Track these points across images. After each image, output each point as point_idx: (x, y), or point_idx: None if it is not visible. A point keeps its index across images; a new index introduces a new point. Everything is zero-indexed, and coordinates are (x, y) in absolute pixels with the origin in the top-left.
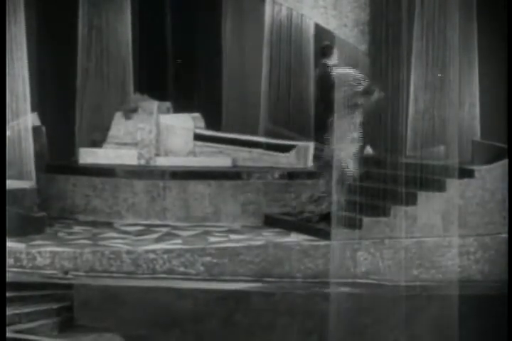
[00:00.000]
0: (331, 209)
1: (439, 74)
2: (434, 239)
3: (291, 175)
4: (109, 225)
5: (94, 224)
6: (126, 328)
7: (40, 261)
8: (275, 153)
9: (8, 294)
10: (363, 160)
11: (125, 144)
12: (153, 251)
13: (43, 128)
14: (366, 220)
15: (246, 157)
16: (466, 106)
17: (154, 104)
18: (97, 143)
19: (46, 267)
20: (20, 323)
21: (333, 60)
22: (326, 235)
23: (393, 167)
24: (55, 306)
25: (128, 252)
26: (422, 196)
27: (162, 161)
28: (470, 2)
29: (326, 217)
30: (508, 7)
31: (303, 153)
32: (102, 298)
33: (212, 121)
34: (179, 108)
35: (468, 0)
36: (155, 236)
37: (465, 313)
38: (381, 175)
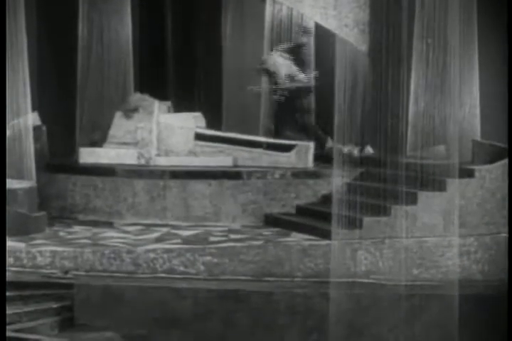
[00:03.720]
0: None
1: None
2: (434, 239)
3: (292, 174)
4: (109, 225)
5: (94, 223)
6: (126, 327)
7: (40, 260)
8: (276, 153)
9: (8, 293)
10: (364, 160)
11: (125, 144)
12: (154, 251)
13: (44, 128)
14: (366, 220)
15: (246, 156)
16: (467, 105)
17: (155, 104)
18: (98, 142)
19: (46, 266)
20: (21, 322)
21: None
22: (326, 235)
23: (393, 166)
24: (55, 305)
25: (128, 252)
26: (423, 196)
27: (162, 161)
28: (470, 2)
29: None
30: (508, 8)
31: (303, 153)
32: (102, 298)
33: (213, 120)
34: (180, 107)
35: (469, 0)
36: (155, 235)
37: (465, 313)
38: (381, 174)
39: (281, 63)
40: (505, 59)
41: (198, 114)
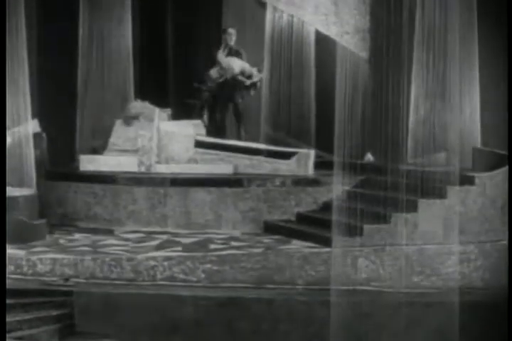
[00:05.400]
0: None
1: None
2: (434, 246)
3: (292, 182)
4: (109, 232)
5: (94, 231)
6: (126, 335)
7: (40, 267)
8: (276, 160)
9: (8, 301)
10: (364, 167)
11: (126, 151)
12: (154, 258)
13: (44, 135)
14: (367, 227)
15: (247, 164)
16: (467, 113)
17: (155, 111)
18: (98, 150)
19: (47, 274)
20: (21, 330)
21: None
22: (326, 242)
23: (394, 174)
24: (55, 313)
25: (128, 259)
26: (423, 203)
27: (163, 168)
28: (471, 9)
29: None
30: (509, 15)
31: (304, 160)
32: (103, 305)
33: (213, 127)
34: (180, 115)
35: (469, 7)
36: (155, 243)
37: (465, 320)
38: (382, 182)
39: (237, 61)
40: (505, 66)
41: (198, 122)
